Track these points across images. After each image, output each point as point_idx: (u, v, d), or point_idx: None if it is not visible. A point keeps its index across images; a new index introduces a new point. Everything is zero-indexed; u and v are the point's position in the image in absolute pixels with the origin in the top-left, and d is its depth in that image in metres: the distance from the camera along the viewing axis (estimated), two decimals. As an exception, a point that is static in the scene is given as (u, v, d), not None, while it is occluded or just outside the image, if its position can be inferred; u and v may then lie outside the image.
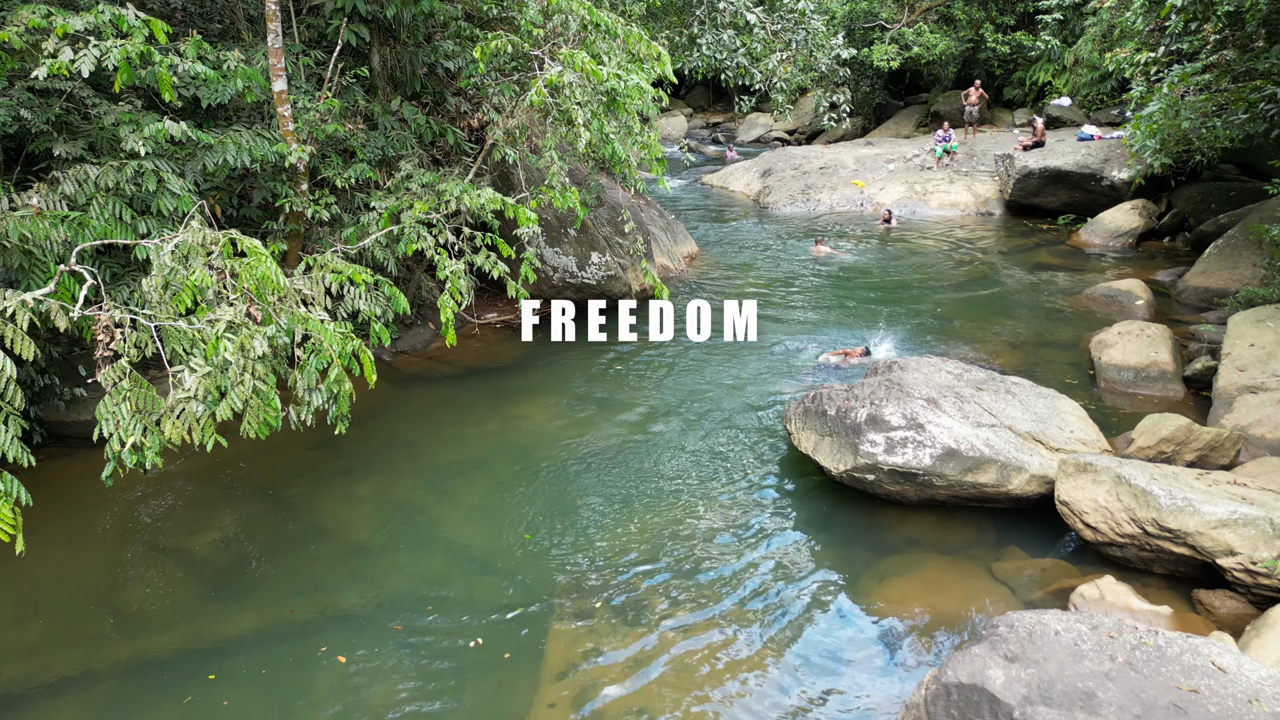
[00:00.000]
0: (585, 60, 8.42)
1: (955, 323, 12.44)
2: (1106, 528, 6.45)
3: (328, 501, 8.21)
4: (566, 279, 12.86)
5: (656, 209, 16.67)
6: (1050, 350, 11.32)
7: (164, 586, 6.98)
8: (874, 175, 21.91)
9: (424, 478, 8.61)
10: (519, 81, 11.40)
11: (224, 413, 5.24)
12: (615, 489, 8.24)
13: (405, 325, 11.82)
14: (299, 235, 9.77)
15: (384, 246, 9.73)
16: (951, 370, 8.14)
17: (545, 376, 10.94)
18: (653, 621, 6.31)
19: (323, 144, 9.98)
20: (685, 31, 17.34)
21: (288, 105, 9.02)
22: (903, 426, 7.08)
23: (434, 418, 9.86)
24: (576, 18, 9.60)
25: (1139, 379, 9.87)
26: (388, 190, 10.40)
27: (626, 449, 8.98)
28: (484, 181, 12.12)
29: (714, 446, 8.96)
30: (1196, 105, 13.10)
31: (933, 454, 6.92)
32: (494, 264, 9.07)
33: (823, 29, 17.78)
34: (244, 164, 8.42)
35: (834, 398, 7.72)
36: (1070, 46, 23.58)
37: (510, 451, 9.06)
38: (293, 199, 9.12)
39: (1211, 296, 12.64)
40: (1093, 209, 18.16)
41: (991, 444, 7.08)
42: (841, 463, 7.29)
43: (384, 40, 11.18)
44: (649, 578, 6.84)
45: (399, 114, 11.07)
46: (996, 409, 7.59)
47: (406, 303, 8.26)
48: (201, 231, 5.83)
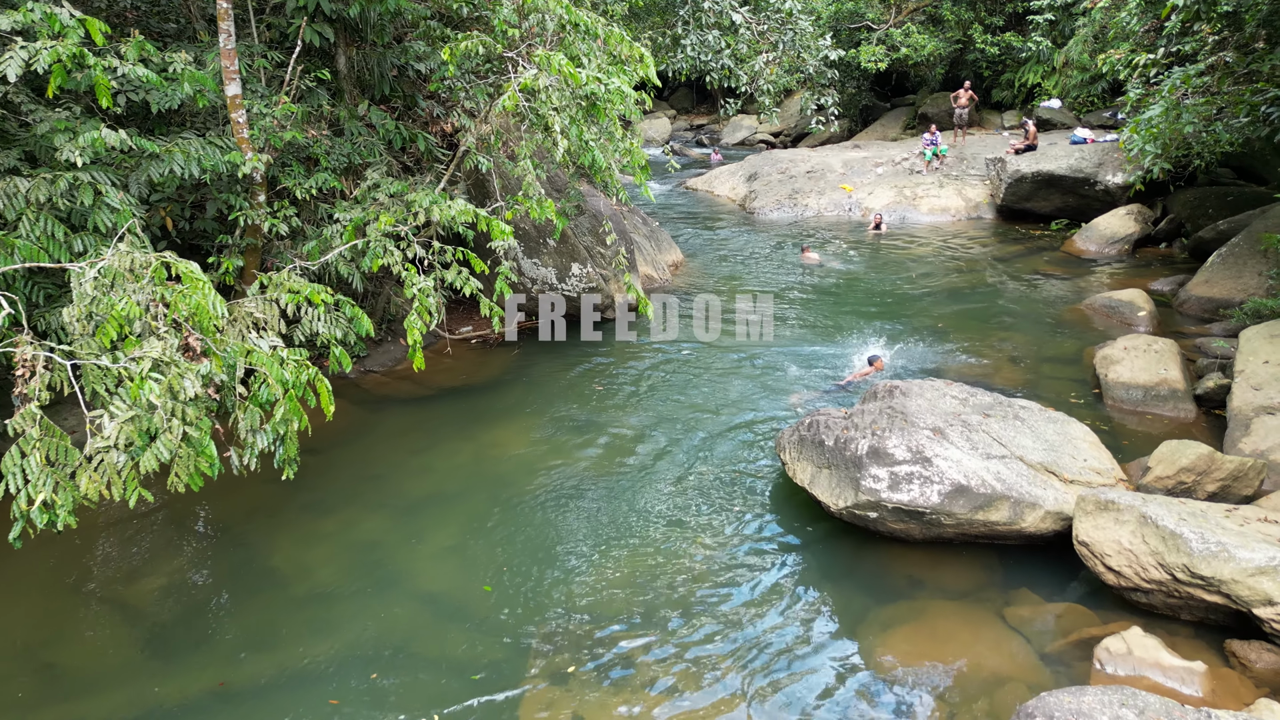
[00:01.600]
0: (563, 63, 7.84)
1: (952, 335, 11.93)
2: (1131, 572, 5.92)
3: (287, 541, 7.58)
4: (546, 291, 12.26)
5: (640, 216, 16.10)
6: (1052, 365, 10.82)
7: (100, 643, 6.33)
8: (862, 179, 21.43)
9: (391, 513, 7.99)
10: (494, 85, 10.80)
11: (149, 464, 4.62)
12: (595, 527, 7.65)
13: (374, 342, 11.19)
14: (256, 250, 9.13)
15: (348, 261, 9.11)
16: (956, 395, 7.60)
17: (523, 396, 10.34)
18: (635, 685, 5.73)
19: (282, 152, 9.35)
20: (669, 32, 16.79)
21: (242, 111, 8.39)
22: (908, 460, 6.53)
23: (404, 444, 9.24)
24: (554, 17, 9.02)
25: (1148, 398, 9.38)
26: (354, 200, 9.78)
27: (608, 480, 8.39)
28: (458, 190, 11.51)
29: (702, 476, 8.39)
30: (1198, 109, 12.65)
31: (941, 491, 6.37)
32: (466, 280, 8.47)
33: (810, 29, 17.27)
34: (192, 174, 7.78)
35: (831, 426, 7.16)
36: (1060, 48, 23.18)
37: (484, 483, 8.45)
38: (248, 212, 8.48)
39: (1216, 307, 12.19)
40: (1086, 214, 17.74)
41: (1003, 478, 6.54)
42: (841, 498, 6.74)
43: (350, 41, 10.55)
44: (632, 632, 6.26)
45: (366, 119, 10.45)
46: (1006, 437, 7.05)
47: (370, 324, 7.66)
48: (130, 254, 5.20)
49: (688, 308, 13.53)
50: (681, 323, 12.81)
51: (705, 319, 12.93)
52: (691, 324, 12.74)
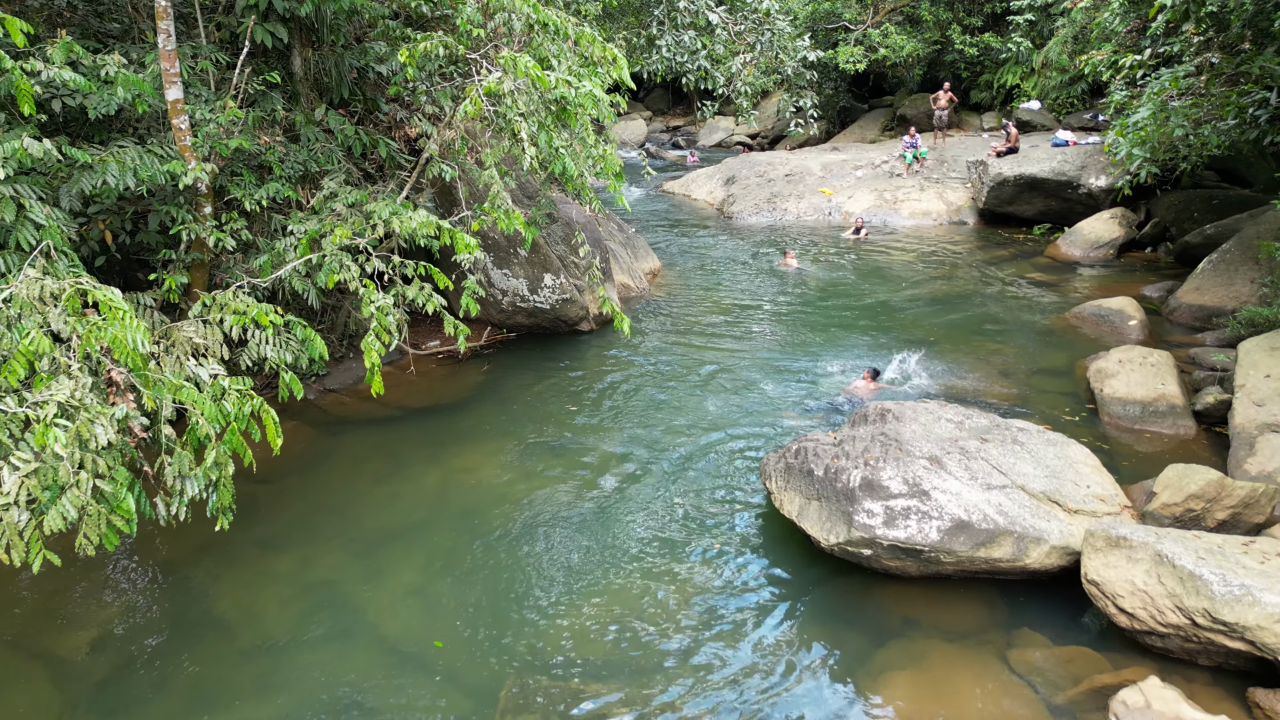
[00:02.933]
0: (529, 65, 7.31)
1: (939, 347, 11.52)
2: (1146, 615, 5.50)
3: (236, 582, 7.00)
4: (517, 304, 11.73)
5: (616, 222, 15.59)
6: (1043, 378, 10.43)
7: (20, 705, 5.73)
8: (842, 183, 21.04)
9: (351, 549, 7.43)
10: (460, 88, 10.25)
11: (54, 523, 4.05)
12: (568, 564, 7.13)
13: (335, 359, 10.59)
14: (204, 265, 8.53)
15: (303, 276, 8.53)
16: (951, 417, 7.16)
17: (494, 416, 9.79)
18: (614, 748, 5.23)
19: (230, 160, 8.75)
20: (644, 32, 16.28)
21: (185, 117, 7.79)
22: (904, 494, 6.07)
23: (365, 471, 8.67)
24: (521, 17, 8.49)
25: (1146, 414, 9.00)
26: (311, 211, 9.20)
27: (582, 510, 7.88)
28: (422, 198, 10.96)
29: (681, 506, 7.89)
30: (1188, 112, 12.33)
31: (940, 527, 5.91)
32: (428, 296, 7.93)
33: (788, 30, 16.84)
34: (127, 186, 7.18)
35: (821, 454, 6.69)
36: (1039, 49, 22.94)
37: (451, 514, 7.91)
38: (191, 225, 7.88)
39: (1208, 315, 11.86)
40: (1069, 217, 17.44)
41: (1005, 511, 6.10)
42: (832, 534, 6.27)
43: (306, 41, 9.95)
44: (608, 684, 5.75)
45: (324, 124, 9.85)
46: (1006, 464, 6.62)
47: (324, 346, 7.10)
48: (39, 281, 4.62)
49: (666, 319, 13.04)
50: (659, 335, 12.32)
51: (684, 330, 12.44)
52: (670, 336, 12.24)
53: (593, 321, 12.22)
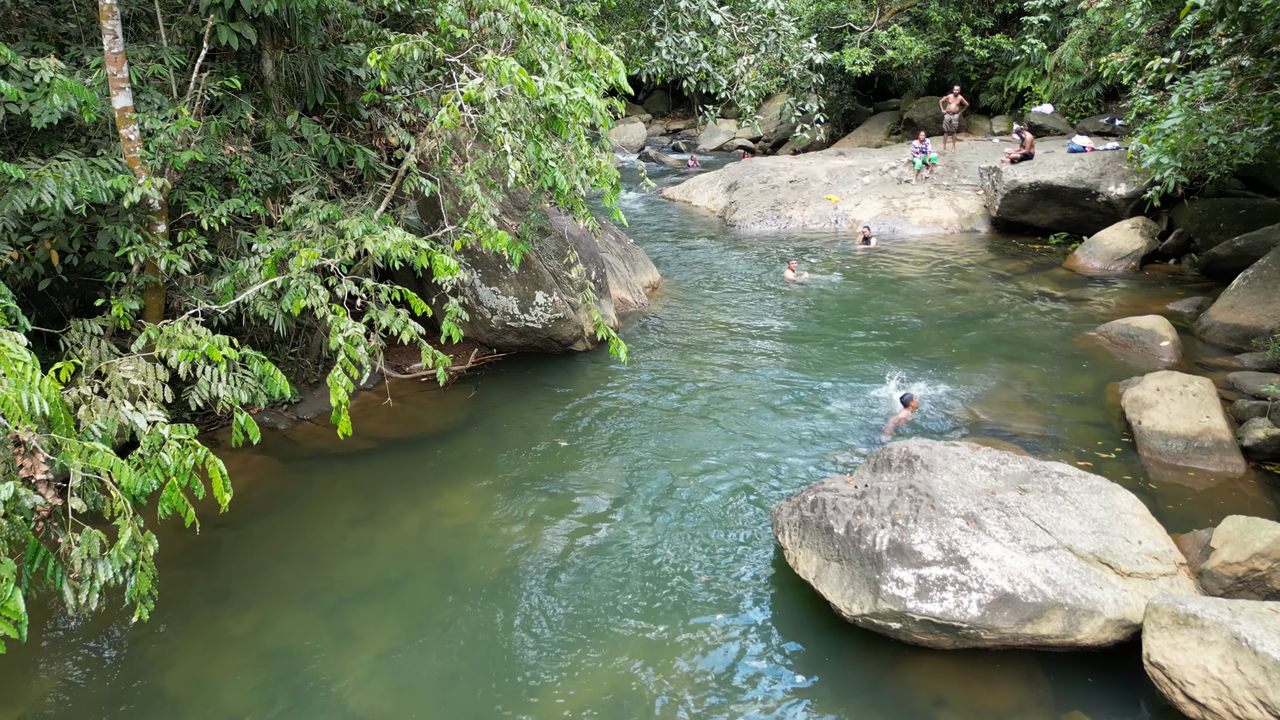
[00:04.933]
0: (514, 69, 6.57)
1: (957, 369, 10.77)
2: (1221, 707, 4.75)
3: (189, 648, 6.26)
4: (507, 323, 10.98)
5: (613, 233, 14.84)
6: (1073, 406, 9.68)
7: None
8: (848, 189, 20.29)
9: (318, 606, 6.69)
10: (445, 93, 9.50)
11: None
12: (560, 625, 6.39)
13: (310, 385, 9.85)
14: (158, 288, 7.79)
15: (269, 300, 7.79)
16: (985, 464, 6.41)
17: (480, 450, 9.05)
18: None
19: (190, 173, 8.01)
20: (643, 34, 15.55)
21: (134, 126, 7.06)
22: (939, 560, 5.32)
23: (338, 514, 7.92)
24: (508, 16, 7.75)
25: (1190, 450, 8.26)
26: (281, 226, 8.46)
27: (575, 562, 7.13)
28: (405, 211, 10.21)
29: (685, 558, 7.14)
30: (1222, 118, 11.59)
31: (981, 601, 5.17)
32: (404, 324, 7.18)
33: (794, 31, 16.11)
34: (64, 204, 6.44)
35: (841, 508, 5.95)
36: (1052, 50, 22.19)
37: (431, 565, 7.17)
38: (139, 247, 7.13)
39: (1244, 336, 11.12)
40: (1087, 227, 16.69)
41: (1053, 578, 5.36)
42: (856, 603, 5.52)
43: (278, 43, 9.21)
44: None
45: (296, 131, 9.12)
46: (1050, 520, 5.87)
47: (286, 383, 6.32)
48: (-78, 330, 3.88)
49: (665, 337, 12.29)
50: (658, 356, 11.58)
51: (684, 351, 11.70)
52: (669, 357, 11.50)
53: (588, 341, 11.48)
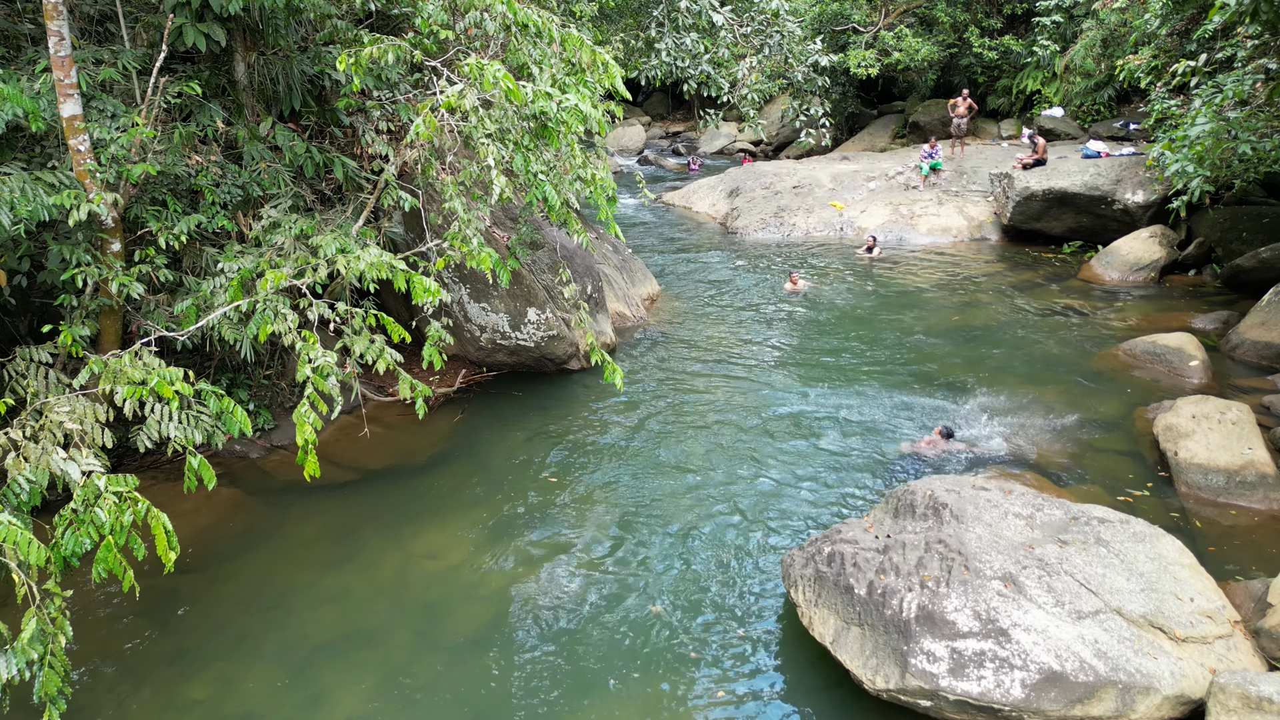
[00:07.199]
0: (499, 74, 5.96)
1: (974, 391, 10.15)
2: (1304, 809, 4.14)
3: (142, 716, 5.63)
4: (497, 340, 10.36)
5: (610, 243, 14.24)
6: (1100, 434, 9.06)
7: None
8: (853, 195, 19.69)
9: (287, 663, 6.08)
10: (427, 99, 8.89)
11: None
12: (552, 683, 5.77)
13: (286, 410, 9.22)
14: (114, 311, 7.17)
15: (235, 324, 7.17)
16: (1019, 510, 5.79)
17: (466, 483, 8.43)
18: None
19: (151, 185, 7.40)
20: (642, 35, 14.93)
21: (84, 137, 6.45)
22: (976, 632, 4.71)
23: (311, 557, 7.30)
24: (496, 16, 7.14)
25: (1232, 485, 7.65)
26: (253, 242, 7.85)
27: (565, 614, 6.51)
28: (389, 222, 9.59)
29: (685, 611, 6.51)
30: (1254, 125, 10.99)
31: (1025, 680, 4.55)
32: (380, 352, 6.57)
33: (798, 32, 15.51)
34: (3, 224, 5.82)
35: (862, 565, 5.33)
36: (1063, 52, 21.59)
37: (411, 614, 6.56)
38: (87, 269, 6.51)
39: (1277, 354, 10.51)
40: (1102, 235, 16.10)
41: (1104, 650, 4.75)
42: (880, 676, 4.91)
43: (250, 44, 8.60)
44: None
45: (271, 139, 8.50)
46: (1095, 579, 5.26)
47: (247, 421, 5.75)
48: None
49: (664, 355, 11.67)
50: (657, 375, 10.96)
51: (684, 370, 11.08)
52: (668, 377, 10.88)
53: (583, 359, 10.87)
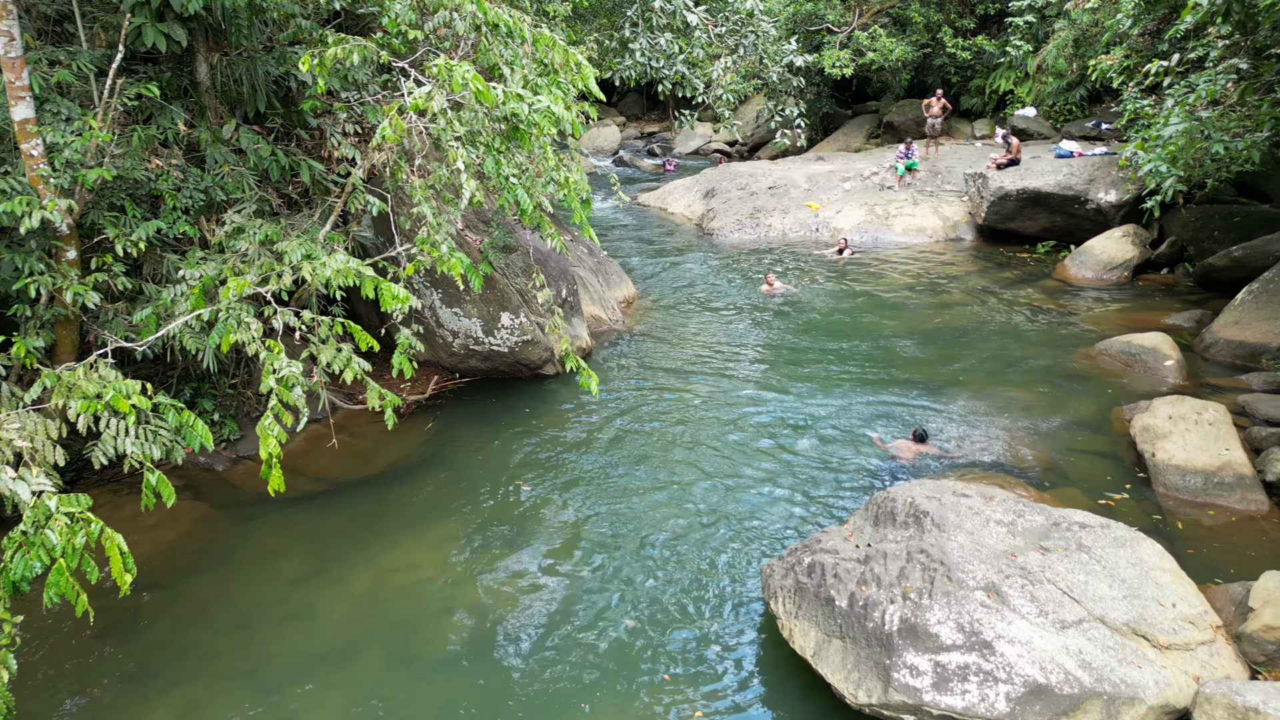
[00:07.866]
0: (468, 75, 5.80)
1: (950, 393, 10.12)
2: (1291, 821, 4.09)
3: (91, 743, 5.44)
4: (470, 346, 10.19)
5: (586, 245, 14.09)
6: (1077, 435, 9.04)
7: None
8: (829, 196, 19.67)
9: (255, 684, 5.89)
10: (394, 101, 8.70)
11: None
12: (527, 701, 5.62)
13: (252, 420, 9.00)
14: (71, 321, 6.93)
15: (197, 333, 6.96)
16: (1000, 517, 5.72)
17: (439, 493, 8.25)
18: None
19: (109, 190, 7.17)
20: (616, 35, 14.80)
21: (37, 141, 6.22)
22: (959, 645, 4.62)
23: (279, 572, 7.10)
24: (466, 16, 6.98)
25: (1210, 486, 7.65)
26: (216, 248, 7.63)
27: (543, 628, 6.36)
28: (357, 226, 9.39)
29: (662, 624, 6.39)
30: (1227, 125, 11.03)
31: (1010, 694, 4.47)
32: (348, 361, 6.39)
33: (773, 32, 15.43)
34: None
35: (843, 576, 5.23)
36: (1035, 52, 21.70)
37: (383, 631, 6.38)
38: (40, 278, 6.28)
39: (1250, 354, 10.56)
40: (1076, 234, 16.16)
41: (1088, 661, 4.68)
42: (862, 690, 4.81)
43: (213, 45, 8.38)
44: None
45: (234, 142, 8.29)
46: (1077, 586, 5.19)
47: (209, 435, 5.54)
48: None
49: (641, 358, 11.55)
50: (634, 379, 10.83)
51: (661, 373, 10.96)
52: (645, 381, 10.76)
53: (558, 364, 10.70)
